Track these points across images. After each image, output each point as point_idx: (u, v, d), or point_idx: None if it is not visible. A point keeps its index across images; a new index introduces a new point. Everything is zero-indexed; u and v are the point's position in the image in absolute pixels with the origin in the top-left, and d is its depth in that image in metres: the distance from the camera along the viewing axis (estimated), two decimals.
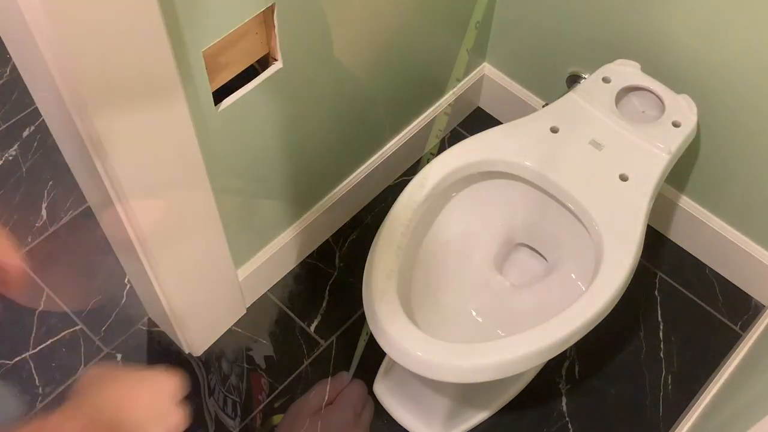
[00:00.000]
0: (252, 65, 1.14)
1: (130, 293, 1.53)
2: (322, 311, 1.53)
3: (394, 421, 1.38)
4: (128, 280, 1.53)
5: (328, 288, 1.57)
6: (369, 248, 1.15)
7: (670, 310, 1.55)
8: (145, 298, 1.45)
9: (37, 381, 1.43)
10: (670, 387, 1.45)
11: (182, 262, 1.24)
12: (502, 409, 1.41)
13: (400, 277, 1.14)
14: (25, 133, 1.78)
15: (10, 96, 1.84)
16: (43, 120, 1.62)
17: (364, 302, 1.11)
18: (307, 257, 1.60)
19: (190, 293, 1.32)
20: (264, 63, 1.16)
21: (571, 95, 1.33)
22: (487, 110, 1.83)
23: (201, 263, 1.29)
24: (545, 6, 1.49)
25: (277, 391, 1.41)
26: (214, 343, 1.47)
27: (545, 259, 1.37)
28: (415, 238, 1.22)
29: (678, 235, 1.63)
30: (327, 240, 1.63)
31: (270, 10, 1.07)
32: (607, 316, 1.13)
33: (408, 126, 1.64)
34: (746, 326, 1.53)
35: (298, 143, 1.33)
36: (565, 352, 1.15)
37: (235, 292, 1.45)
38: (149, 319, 1.50)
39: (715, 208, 1.52)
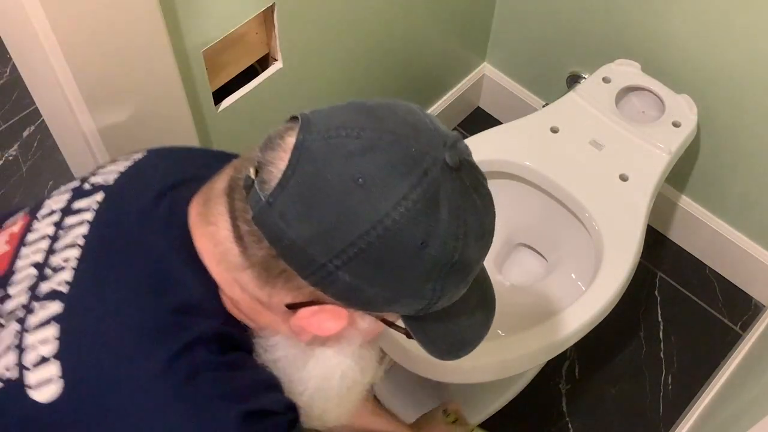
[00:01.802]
0: (252, 65, 1.14)
1: None
2: None
3: None
4: None
5: None
6: None
7: (670, 310, 1.55)
8: None
9: None
10: (670, 387, 1.45)
11: None
12: (502, 409, 1.41)
13: None
14: (25, 133, 1.78)
15: (10, 96, 1.84)
16: (43, 120, 1.61)
17: None
18: None
19: None
20: (264, 63, 1.16)
21: (571, 95, 1.33)
22: (487, 110, 1.83)
23: None
24: (545, 6, 1.49)
25: None
26: None
27: (545, 259, 1.37)
28: None
29: (678, 235, 1.63)
30: None
31: (270, 10, 1.07)
32: (607, 316, 1.13)
33: None
34: (746, 326, 1.52)
35: None
36: (565, 352, 1.15)
37: None
38: None
39: (715, 208, 1.52)
